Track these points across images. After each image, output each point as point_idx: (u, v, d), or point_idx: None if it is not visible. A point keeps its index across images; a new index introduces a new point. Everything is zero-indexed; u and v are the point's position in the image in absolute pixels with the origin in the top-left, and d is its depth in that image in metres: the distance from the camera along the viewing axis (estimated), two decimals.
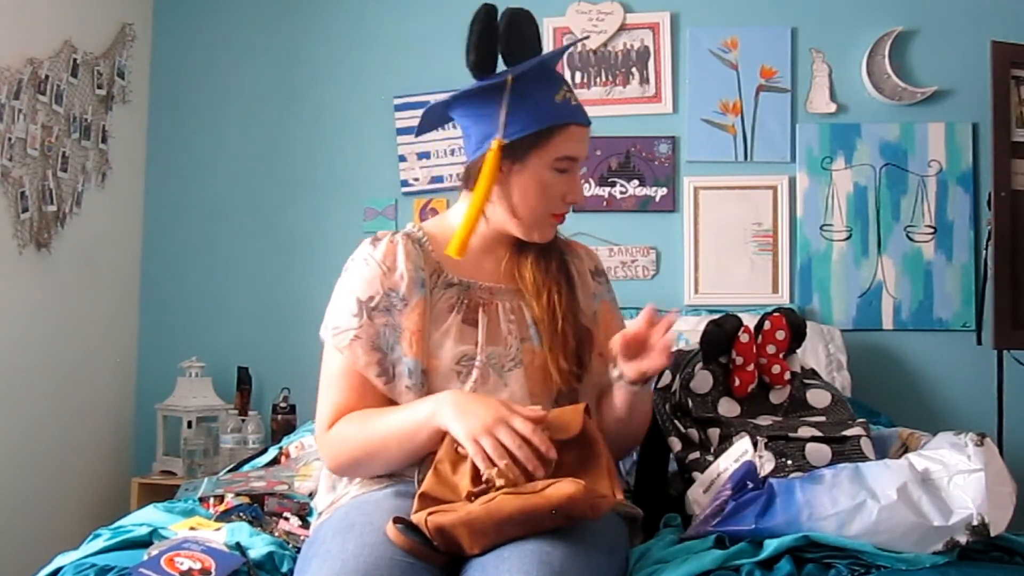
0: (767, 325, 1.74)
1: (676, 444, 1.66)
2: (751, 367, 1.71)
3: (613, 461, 1.46)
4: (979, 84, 3.11)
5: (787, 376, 1.73)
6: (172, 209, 3.71)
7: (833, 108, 3.42)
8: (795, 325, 1.77)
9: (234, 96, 3.70)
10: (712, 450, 1.62)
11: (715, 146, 3.46)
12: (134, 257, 3.69)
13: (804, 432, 1.57)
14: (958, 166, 3.36)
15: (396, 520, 1.32)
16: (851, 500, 1.34)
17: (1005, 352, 2.97)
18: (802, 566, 1.31)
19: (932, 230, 3.36)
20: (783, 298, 3.39)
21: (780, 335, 1.73)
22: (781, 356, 1.74)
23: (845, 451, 1.54)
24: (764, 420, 1.66)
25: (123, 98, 3.54)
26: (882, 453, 1.62)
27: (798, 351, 1.79)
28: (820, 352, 3.16)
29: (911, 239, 3.37)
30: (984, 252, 3.09)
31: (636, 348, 1.48)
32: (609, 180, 3.49)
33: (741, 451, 1.50)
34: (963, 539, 1.29)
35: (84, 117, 3.30)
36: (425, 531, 1.30)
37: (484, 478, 1.35)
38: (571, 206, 1.59)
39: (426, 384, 1.52)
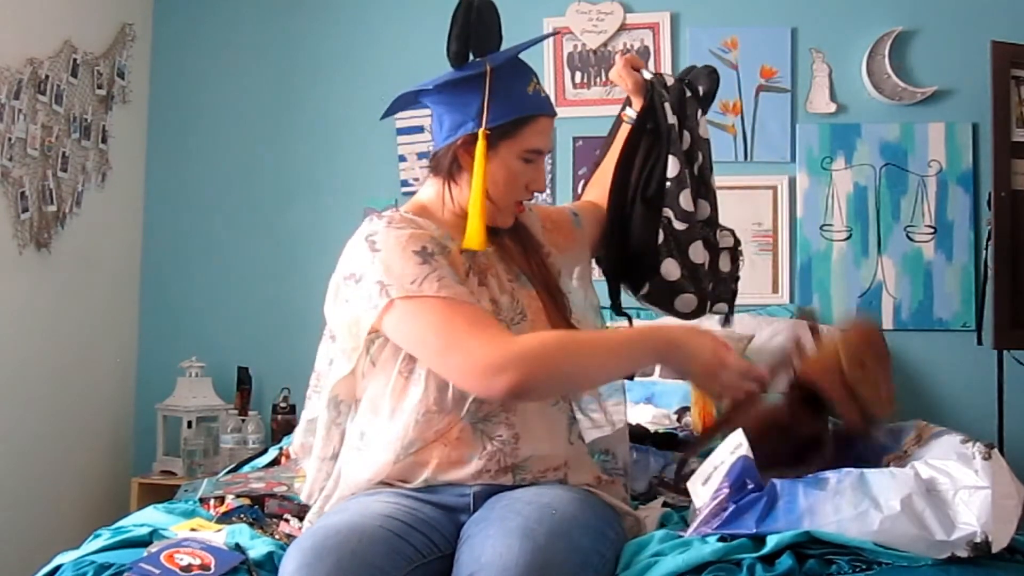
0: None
1: (686, 202, 1.79)
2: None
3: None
4: (979, 84, 3.12)
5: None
6: (172, 209, 3.71)
7: (833, 108, 3.42)
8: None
9: (234, 96, 3.71)
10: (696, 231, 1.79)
11: (715, 146, 3.42)
12: (134, 257, 3.69)
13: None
14: (958, 166, 3.36)
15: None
16: (853, 509, 1.33)
17: (1005, 352, 2.97)
18: (803, 562, 1.31)
19: (932, 230, 3.37)
20: (783, 298, 3.39)
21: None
22: None
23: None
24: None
25: (123, 98, 3.54)
26: (896, 442, 1.62)
27: None
28: None
29: (911, 239, 3.37)
30: (984, 252, 3.10)
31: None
32: None
33: (735, 443, 1.49)
34: (963, 554, 1.29)
35: (84, 117, 3.30)
36: None
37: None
38: (534, 194, 1.63)
39: None
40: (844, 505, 1.34)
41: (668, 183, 1.78)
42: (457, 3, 1.58)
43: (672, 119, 1.75)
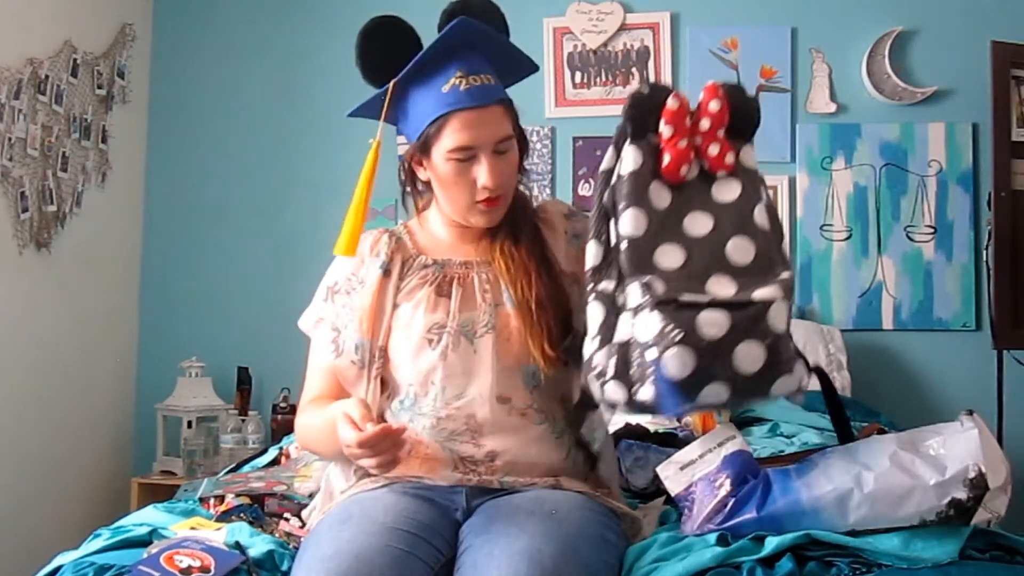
0: (701, 96, 1.43)
1: (592, 255, 1.41)
2: (684, 143, 1.40)
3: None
4: (979, 84, 3.12)
5: (729, 160, 1.42)
6: (172, 209, 3.71)
7: (833, 108, 3.42)
8: (736, 99, 1.44)
9: (234, 96, 3.71)
10: (618, 293, 1.35)
11: None
12: (134, 257, 3.69)
13: (712, 288, 1.33)
14: (958, 166, 3.36)
15: None
16: (846, 475, 1.34)
17: (1005, 352, 2.97)
18: (803, 564, 1.31)
19: (932, 230, 3.36)
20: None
21: (714, 106, 1.42)
22: (721, 134, 1.42)
23: (745, 321, 1.28)
24: (697, 223, 1.39)
25: (123, 98, 3.54)
26: None
27: (752, 142, 1.47)
28: (820, 352, 3.16)
29: (911, 239, 3.37)
30: (984, 252, 3.10)
31: None
32: None
33: (724, 436, 1.48)
34: (963, 495, 1.28)
35: (84, 117, 3.30)
36: None
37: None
38: (494, 192, 1.52)
39: (384, 359, 1.57)
40: (836, 474, 1.35)
41: None
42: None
43: (609, 162, 1.44)
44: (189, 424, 3.34)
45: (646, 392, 1.28)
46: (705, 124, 1.42)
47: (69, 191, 3.24)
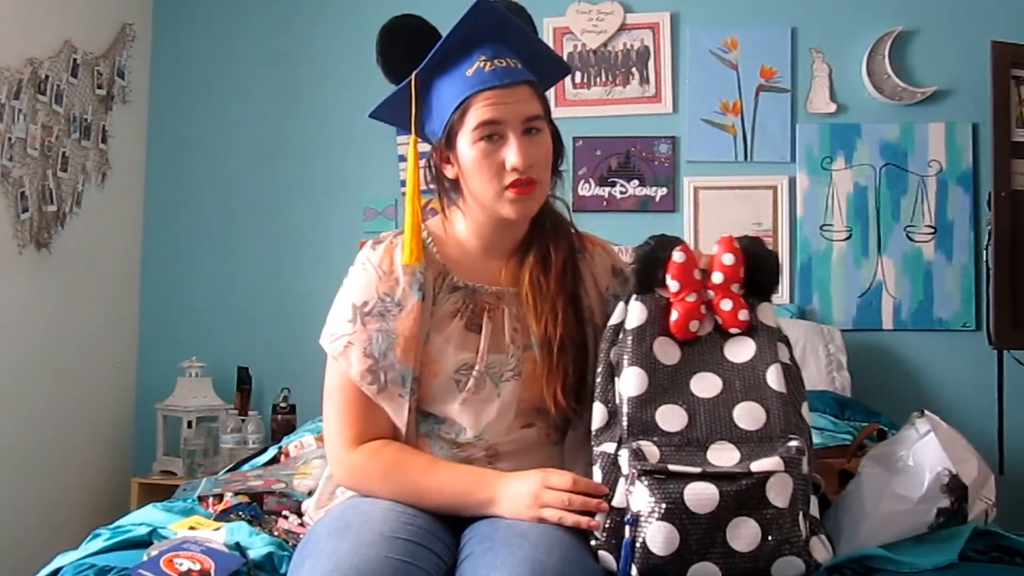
0: (715, 250, 1.40)
1: (598, 416, 1.36)
2: (692, 297, 1.36)
3: None
4: (979, 84, 3.11)
5: (743, 317, 1.36)
6: (172, 209, 3.71)
7: (833, 108, 3.42)
8: (754, 254, 1.39)
9: (234, 96, 3.70)
10: (619, 455, 1.30)
11: (715, 146, 3.46)
12: (134, 257, 3.69)
13: (713, 456, 1.26)
14: (958, 166, 3.36)
15: None
16: (848, 518, 1.36)
17: (1005, 352, 2.97)
18: None
19: (932, 230, 3.36)
20: (783, 298, 3.39)
21: (728, 259, 1.37)
22: (734, 289, 1.37)
23: (739, 495, 1.21)
24: (705, 384, 1.34)
25: (123, 98, 3.54)
26: None
27: (771, 301, 1.41)
28: (820, 352, 3.16)
29: (911, 239, 3.37)
30: (984, 252, 3.10)
31: None
32: (609, 180, 3.49)
33: None
34: (946, 503, 1.30)
35: (84, 117, 3.30)
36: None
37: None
38: (524, 174, 1.45)
39: (418, 392, 1.50)
40: (839, 519, 1.37)
41: None
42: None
43: (617, 316, 1.45)
44: (189, 424, 3.34)
45: (634, 570, 1.24)
46: (718, 278, 1.37)
47: (69, 191, 3.24)
